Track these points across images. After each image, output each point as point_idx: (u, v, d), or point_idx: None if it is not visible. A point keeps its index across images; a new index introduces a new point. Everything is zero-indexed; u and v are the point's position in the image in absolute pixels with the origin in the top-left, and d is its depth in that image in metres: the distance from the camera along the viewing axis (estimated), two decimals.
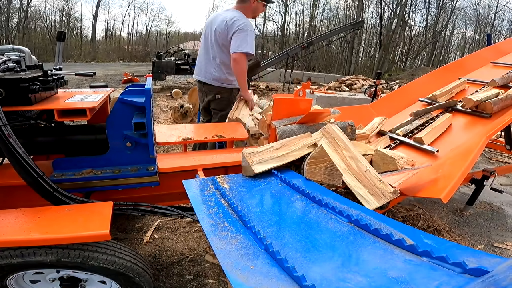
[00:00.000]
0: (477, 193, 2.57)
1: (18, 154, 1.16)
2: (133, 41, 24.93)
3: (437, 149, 1.91)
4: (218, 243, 0.95)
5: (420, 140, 2.00)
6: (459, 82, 2.66)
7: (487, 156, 4.33)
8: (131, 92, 1.44)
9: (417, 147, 2.00)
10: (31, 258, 1.10)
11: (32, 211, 1.18)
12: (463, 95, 2.46)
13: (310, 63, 19.59)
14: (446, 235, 2.37)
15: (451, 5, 19.40)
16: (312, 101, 1.96)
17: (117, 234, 2.10)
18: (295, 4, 22.39)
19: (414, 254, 0.86)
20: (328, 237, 0.97)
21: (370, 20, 20.79)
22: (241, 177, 1.44)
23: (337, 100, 7.01)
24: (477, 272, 0.75)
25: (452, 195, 1.39)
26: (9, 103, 1.23)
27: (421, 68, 15.19)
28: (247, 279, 0.79)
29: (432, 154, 1.91)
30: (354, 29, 11.11)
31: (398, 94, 2.85)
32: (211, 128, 2.12)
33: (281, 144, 1.54)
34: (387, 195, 1.33)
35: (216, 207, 1.18)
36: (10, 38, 18.75)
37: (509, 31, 19.15)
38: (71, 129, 1.53)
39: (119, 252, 1.22)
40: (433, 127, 2.11)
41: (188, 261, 1.90)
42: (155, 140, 1.65)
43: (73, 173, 1.43)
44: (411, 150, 2.02)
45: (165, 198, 1.74)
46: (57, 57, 1.81)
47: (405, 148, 2.06)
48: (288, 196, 1.27)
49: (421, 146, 1.98)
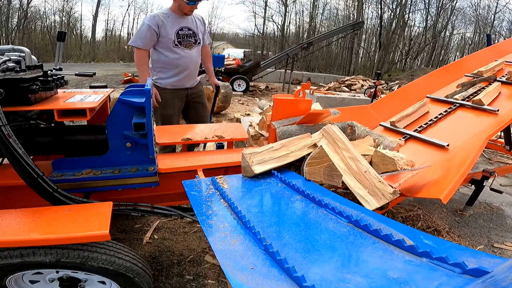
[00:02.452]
0: (476, 194, 2.56)
1: (18, 154, 1.15)
2: None
3: (448, 143, 1.94)
4: (218, 244, 0.95)
5: (479, 101, 2.24)
6: (499, 62, 2.87)
7: (486, 157, 4.33)
8: (131, 92, 1.44)
9: (427, 141, 2.05)
10: (31, 258, 1.10)
11: (32, 211, 1.18)
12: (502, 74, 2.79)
13: (310, 63, 19.60)
14: (446, 236, 2.37)
15: (451, 5, 19.45)
16: (312, 101, 1.96)
17: (117, 235, 2.10)
18: (295, 5, 22.48)
19: (414, 255, 0.86)
20: (328, 238, 0.97)
21: (370, 21, 20.86)
22: (241, 177, 1.44)
23: (337, 101, 7.02)
24: (477, 273, 0.75)
25: (452, 195, 1.40)
26: (9, 103, 1.23)
27: (421, 69, 15.20)
28: (247, 279, 0.79)
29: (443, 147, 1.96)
30: (354, 29, 11.15)
31: (398, 94, 2.85)
32: (211, 128, 2.12)
33: (281, 144, 1.54)
34: (387, 196, 1.33)
35: (216, 207, 1.18)
36: (10, 38, 18.76)
37: (508, 32, 19.19)
38: (71, 129, 1.53)
39: (119, 253, 1.22)
40: (488, 91, 2.37)
41: (187, 261, 1.90)
42: (155, 140, 1.65)
43: (73, 173, 1.43)
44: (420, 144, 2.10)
45: (165, 198, 1.74)
46: (57, 57, 1.81)
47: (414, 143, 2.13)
48: (288, 196, 1.27)
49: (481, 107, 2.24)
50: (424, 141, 2.07)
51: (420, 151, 2.00)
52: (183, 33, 2.50)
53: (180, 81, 2.57)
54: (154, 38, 2.41)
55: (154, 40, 2.41)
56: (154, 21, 2.37)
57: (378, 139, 1.94)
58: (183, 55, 2.51)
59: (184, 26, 2.51)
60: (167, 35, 2.42)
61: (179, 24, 2.48)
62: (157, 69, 2.55)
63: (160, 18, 2.39)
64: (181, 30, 2.49)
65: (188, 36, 2.54)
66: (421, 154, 1.95)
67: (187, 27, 2.52)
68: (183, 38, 2.50)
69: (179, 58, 2.50)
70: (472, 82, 2.66)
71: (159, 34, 2.41)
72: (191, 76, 2.64)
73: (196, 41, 2.58)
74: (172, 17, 2.46)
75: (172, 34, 2.43)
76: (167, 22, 2.41)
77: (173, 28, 2.44)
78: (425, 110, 2.44)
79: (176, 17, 2.47)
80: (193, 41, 2.56)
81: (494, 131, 1.94)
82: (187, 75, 2.58)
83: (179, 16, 2.48)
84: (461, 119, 2.26)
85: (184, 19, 2.51)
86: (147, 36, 2.37)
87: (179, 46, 2.49)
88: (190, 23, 2.55)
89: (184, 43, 2.51)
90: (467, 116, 2.26)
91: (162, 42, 2.44)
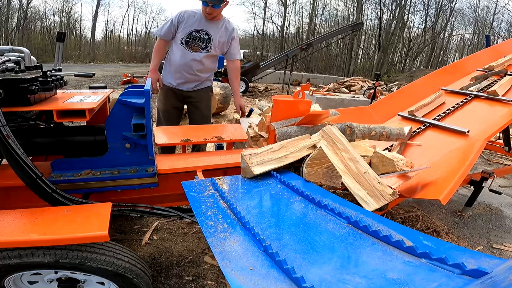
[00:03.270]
0: (475, 195, 2.57)
1: (17, 155, 1.15)
2: (133, 42, 24.94)
3: (468, 130, 2.03)
4: (217, 245, 0.95)
5: (494, 92, 2.35)
6: (509, 58, 2.98)
7: (485, 158, 4.33)
8: (131, 93, 1.44)
9: (447, 128, 2.15)
10: (29, 259, 1.10)
11: (31, 212, 1.17)
12: None
13: (309, 64, 19.62)
14: (445, 237, 2.37)
15: (450, 6, 19.51)
16: (312, 102, 1.96)
17: (116, 235, 2.10)
18: (295, 6, 22.53)
19: (413, 256, 0.86)
20: (327, 239, 0.97)
21: (369, 22, 20.87)
22: (240, 178, 1.44)
23: (336, 102, 7.02)
24: (476, 274, 0.75)
25: (451, 196, 1.40)
26: (8, 103, 1.22)
27: (420, 70, 15.24)
28: (246, 280, 0.79)
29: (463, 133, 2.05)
30: (353, 30, 11.16)
31: (397, 95, 2.86)
32: (211, 129, 2.12)
33: (280, 145, 1.54)
34: (386, 197, 1.33)
35: (215, 208, 1.18)
36: (10, 39, 18.74)
37: (507, 33, 19.25)
38: (70, 130, 1.53)
39: (118, 253, 1.21)
40: (501, 83, 2.50)
41: (187, 262, 1.90)
42: (154, 141, 1.65)
43: (72, 174, 1.42)
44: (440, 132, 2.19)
45: (164, 199, 1.74)
46: (56, 57, 1.81)
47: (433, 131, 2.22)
48: (287, 197, 1.27)
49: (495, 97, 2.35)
50: (443, 129, 2.17)
51: (440, 138, 2.10)
52: (197, 36, 2.43)
53: (174, 80, 2.54)
54: (171, 31, 2.43)
55: (171, 32, 2.44)
56: (179, 15, 2.42)
57: (384, 130, 1.95)
58: (182, 56, 2.45)
59: (204, 29, 2.43)
60: (180, 32, 2.42)
61: (199, 26, 2.42)
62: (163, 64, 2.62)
63: (185, 15, 2.41)
64: (197, 32, 2.42)
65: (201, 40, 2.45)
66: (441, 141, 2.06)
67: (206, 31, 2.44)
68: (193, 40, 2.43)
69: (177, 57, 2.47)
70: (485, 75, 2.76)
71: (177, 29, 2.42)
72: (186, 79, 2.52)
73: (206, 48, 2.46)
74: (198, 18, 2.42)
75: (185, 32, 2.41)
76: (190, 20, 2.41)
77: (191, 27, 2.41)
78: (441, 100, 2.55)
79: (201, 19, 2.42)
80: (202, 46, 2.46)
81: (509, 119, 2.05)
82: (180, 77, 2.51)
83: (206, 19, 2.42)
84: (477, 108, 2.37)
85: (209, 24, 2.44)
86: (165, 27, 2.44)
87: (183, 46, 2.44)
88: (213, 29, 2.45)
89: (191, 45, 2.44)
90: (483, 106, 2.37)
91: (175, 38, 2.46)
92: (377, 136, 1.95)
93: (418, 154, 1.98)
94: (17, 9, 19.63)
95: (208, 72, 2.63)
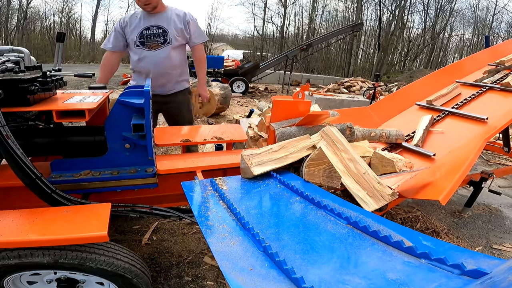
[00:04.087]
0: (475, 195, 2.57)
1: (16, 155, 1.15)
2: None
3: (487, 117, 2.13)
4: (217, 245, 0.95)
5: (508, 84, 2.45)
6: None
7: (485, 158, 4.34)
8: (130, 93, 1.44)
9: (466, 115, 2.28)
10: (29, 259, 1.10)
11: (30, 212, 1.17)
12: None
13: (309, 65, 19.63)
14: (445, 237, 2.37)
15: (450, 7, 19.55)
16: (311, 103, 1.96)
17: (115, 236, 2.10)
18: (294, 6, 22.56)
19: (412, 256, 0.86)
20: (327, 239, 0.97)
21: (369, 22, 20.92)
22: (240, 179, 1.44)
23: (336, 102, 7.02)
24: (476, 274, 0.75)
25: (451, 197, 1.40)
26: (7, 104, 1.22)
27: (420, 70, 15.25)
28: (246, 280, 0.79)
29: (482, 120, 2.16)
30: (353, 31, 11.17)
31: (396, 96, 2.86)
32: (210, 130, 2.12)
33: (280, 146, 1.54)
34: (386, 197, 1.33)
35: (214, 209, 1.18)
36: (9, 39, 18.75)
37: (507, 33, 19.28)
38: (70, 130, 1.52)
39: (117, 254, 1.21)
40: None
41: (186, 263, 1.90)
42: (154, 141, 1.65)
43: (71, 174, 1.42)
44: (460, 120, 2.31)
45: (164, 199, 1.74)
46: (56, 58, 1.81)
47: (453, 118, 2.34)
48: (287, 198, 1.27)
49: (509, 88, 2.44)
50: (462, 116, 2.30)
51: (460, 125, 2.24)
52: (149, 33, 2.26)
53: None
54: (120, 39, 2.30)
55: (121, 41, 2.31)
56: (119, 22, 2.30)
57: (384, 132, 1.98)
58: (144, 57, 2.29)
59: (153, 24, 2.25)
60: (130, 36, 2.27)
61: (147, 23, 2.25)
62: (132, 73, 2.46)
63: (125, 19, 2.28)
64: (147, 30, 2.26)
65: (156, 35, 2.26)
66: (461, 128, 2.20)
67: (156, 25, 2.26)
68: (148, 38, 2.26)
69: (140, 60, 2.31)
70: (497, 69, 2.89)
71: (124, 35, 2.29)
72: (158, 81, 2.33)
73: (166, 41, 2.28)
74: (141, 16, 2.27)
75: (135, 34, 2.26)
76: (133, 21, 2.26)
77: (138, 27, 2.25)
78: (458, 91, 2.68)
79: (145, 16, 2.26)
80: (161, 41, 2.27)
81: None
82: (153, 80, 2.21)
83: (149, 14, 2.25)
84: (492, 99, 2.49)
85: (154, 17, 2.26)
86: (111, 38, 2.31)
87: (141, 47, 2.28)
88: (161, 21, 2.27)
89: (148, 44, 2.27)
90: (497, 97, 2.49)
91: (129, 45, 2.32)
92: (376, 137, 1.98)
93: (440, 141, 2.11)
94: (17, 9, 19.64)
95: (180, 68, 2.42)
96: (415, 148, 2.02)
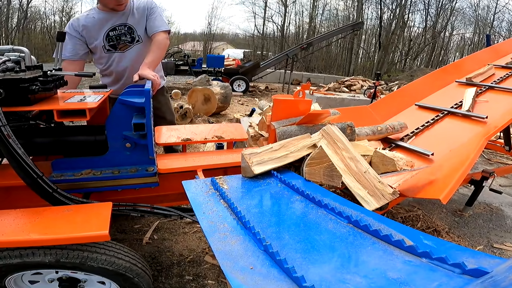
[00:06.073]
0: (476, 194, 2.57)
1: (17, 155, 1.15)
2: None
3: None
4: (218, 244, 0.95)
5: None
6: None
7: (486, 157, 4.33)
8: (131, 92, 1.44)
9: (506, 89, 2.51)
10: (30, 258, 1.10)
11: (31, 211, 1.18)
12: None
13: (309, 64, 19.60)
14: (446, 236, 2.37)
15: (451, 6, 19.47)
16: (312, 102, 1.96)
17: (117, 235, 2.10)
18: (295, 5, 22.53)
19: (413, 255, 0.86)
20: (327, 238, 0.97)
21: (369, 21, 20.86)
22: (240, 178, 1.44)
23: (337, 101, 7.02)
24: (477, 273, 0.75)
25: (451, 196, 1.40)
26: (8, 103, 1.22)
27: (420, 69, 15.21)
28: (246, 279, 0.79)
29: None
30: (354, 30, 11.14)
31: (397, 95, 2.85)
32: (211, 129, 2.12)
33: (281, 145, 1.54)
34: (387, 196, 1.33)
35: (215, 208, 1.18)
36: (10, 39, 18.75)
37: (508, 32, 19.23)
38: (71, 129, 1.53)
39: (118, 253, 1.22)
40: None
41: (187, 262, 1.90)
42: (154, 141, 1.65)
43: (72, 173, 1.43)
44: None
45: (165, 199, 1.74)
46: (56, 57, 1.81)
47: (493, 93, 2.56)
48: (287, 197, 1.27)
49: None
50: (503, 90, 2.54)
51: (500, 98, 2.46)
52: (116, 33, 2.02)
53: (119, 90, 1.81)
54: (80, 46, 1.99)
55: (82, 48, 2.01)
56: (72, 28, 1.96)
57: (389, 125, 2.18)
58: (114, 60, 2.08)
59: (118, 24, 2.01)
60: (95, 41, 2.00)
61: (110, 23, 2.00)
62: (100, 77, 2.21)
63: (79, 23, 1.96)
64: (112, 30, 2.01)
65: (123, 34, 2.04)
66: (501, 101, 2.40)
67: (121, 24, 2.01)
68: (117, 40, 2.03)
69: (109, 64, 2.10)
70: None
71: (85, 40, 2.00)
72: None
73: (134, 39, 2.06)
74: (100, 17, 1.98)
75: (101, 37, 2.00)
76: (91, 24, 1.97)
77: (102, 29, 1.99)
78: (492, 71, 2.91)
79: (105, 16, 1.99)
80: (128, 40, 2.05)
81: None
82: (125, 83, 2.08)
83: (109, 13, 1.99)
84: None
85: (116, 15, 2.00)
86: (68, 47, 1.96)
87: (112, 51, 2.05)
88: (125, 18, 2.02)
89: (119, 46, 2.05)
90: None
91: (94, 49, 2.04)
92: (383, 130, 2.11)
93: (440, 139, 2.17)
94: (17, 9, 19.64)
95: None
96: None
